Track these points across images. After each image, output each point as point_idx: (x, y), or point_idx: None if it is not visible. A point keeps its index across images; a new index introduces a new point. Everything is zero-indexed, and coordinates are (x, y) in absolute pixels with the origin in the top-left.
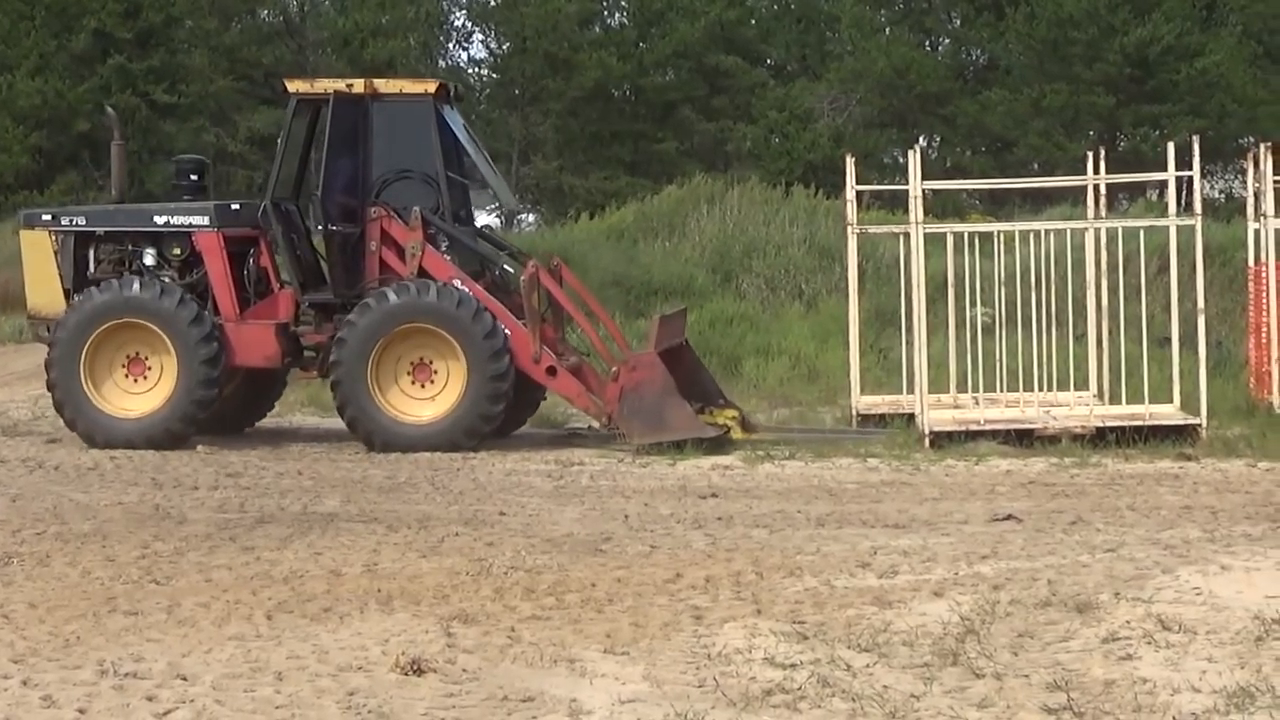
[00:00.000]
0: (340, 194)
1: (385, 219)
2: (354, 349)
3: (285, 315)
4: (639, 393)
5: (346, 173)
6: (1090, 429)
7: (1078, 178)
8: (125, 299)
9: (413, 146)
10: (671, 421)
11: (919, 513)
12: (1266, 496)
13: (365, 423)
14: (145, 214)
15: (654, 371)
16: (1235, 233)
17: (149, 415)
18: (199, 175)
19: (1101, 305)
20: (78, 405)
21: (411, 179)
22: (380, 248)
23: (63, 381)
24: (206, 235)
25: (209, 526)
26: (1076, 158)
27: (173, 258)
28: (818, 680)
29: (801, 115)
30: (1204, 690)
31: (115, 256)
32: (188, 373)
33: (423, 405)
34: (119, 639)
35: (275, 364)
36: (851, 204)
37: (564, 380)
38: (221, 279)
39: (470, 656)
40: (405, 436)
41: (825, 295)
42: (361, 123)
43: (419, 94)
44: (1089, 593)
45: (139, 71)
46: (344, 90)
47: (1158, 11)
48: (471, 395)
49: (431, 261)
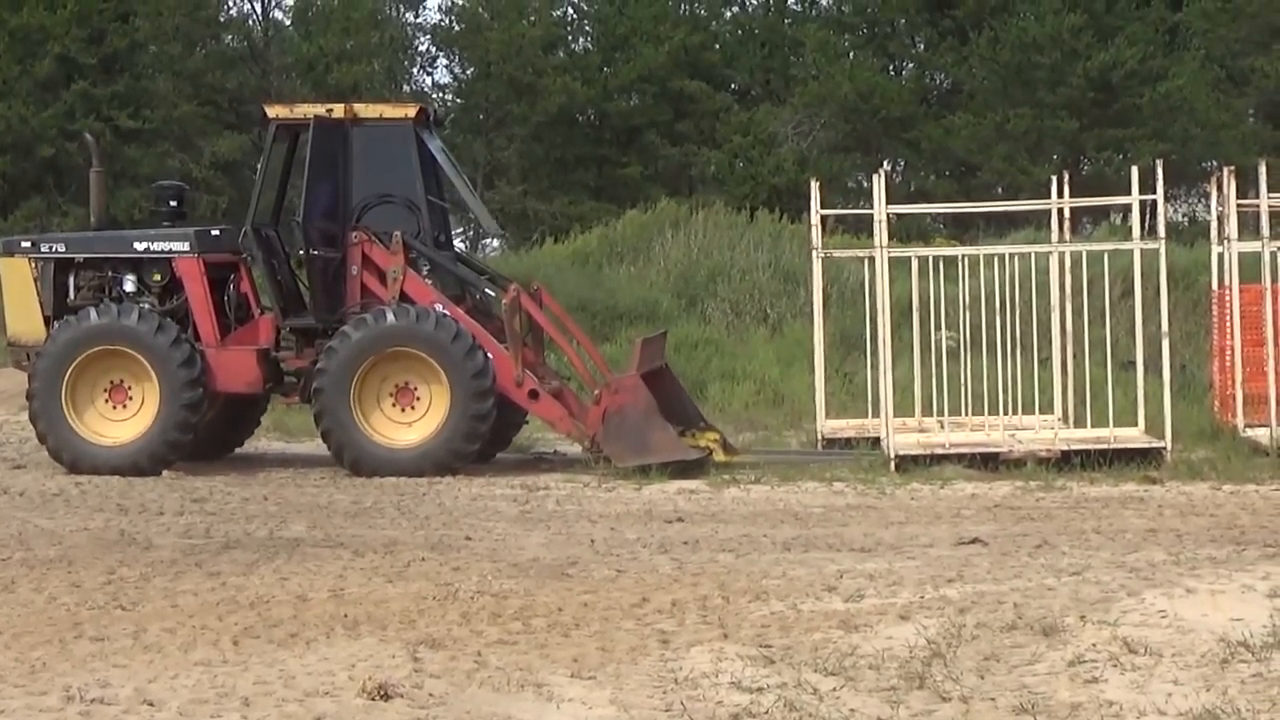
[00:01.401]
0: (321, 219)
1: (366, 243)
2: (336, 374)
3: (266, 340)
4: (622, 416)
5: (327, 197)
6: (1055, 452)
7: (1042, 201)
8: (106, 326)
9: (393, 171)
10: (655, 444)
11: (885, 536)
12: (1231, 519)
13: (350, 449)
14: (125, 240)
15: (637, 394)
16: (1199, 256)
17: (131, 442)
18: (178, 201)
19: (1066, 329)
20: (60, 433)
21: (392, 203)
22: (361, 272)
23: (45, 409)
24: (187, 261)
25: (175, 552)
26: (1041, 181)
27: (153, 284)
28: (784, 704)
29: (766, 140)
30: (1170, 713)
31: (95, 283)
32: (170, 399)
33: (406, 429)
34: (85, 665)
35: (257, 389)
36: (816, 228)
37: (546, 404)
38: (202, 305)
39: (437, 681)
40: (390, 461)
41: (790, 319)
42: (342, 147)
43: (399, 118)
44: (1055, 616)
45: (103, 97)
46: (324, 115)
47: (1121, 36)
48: (455, 419)
49: (413, 286)
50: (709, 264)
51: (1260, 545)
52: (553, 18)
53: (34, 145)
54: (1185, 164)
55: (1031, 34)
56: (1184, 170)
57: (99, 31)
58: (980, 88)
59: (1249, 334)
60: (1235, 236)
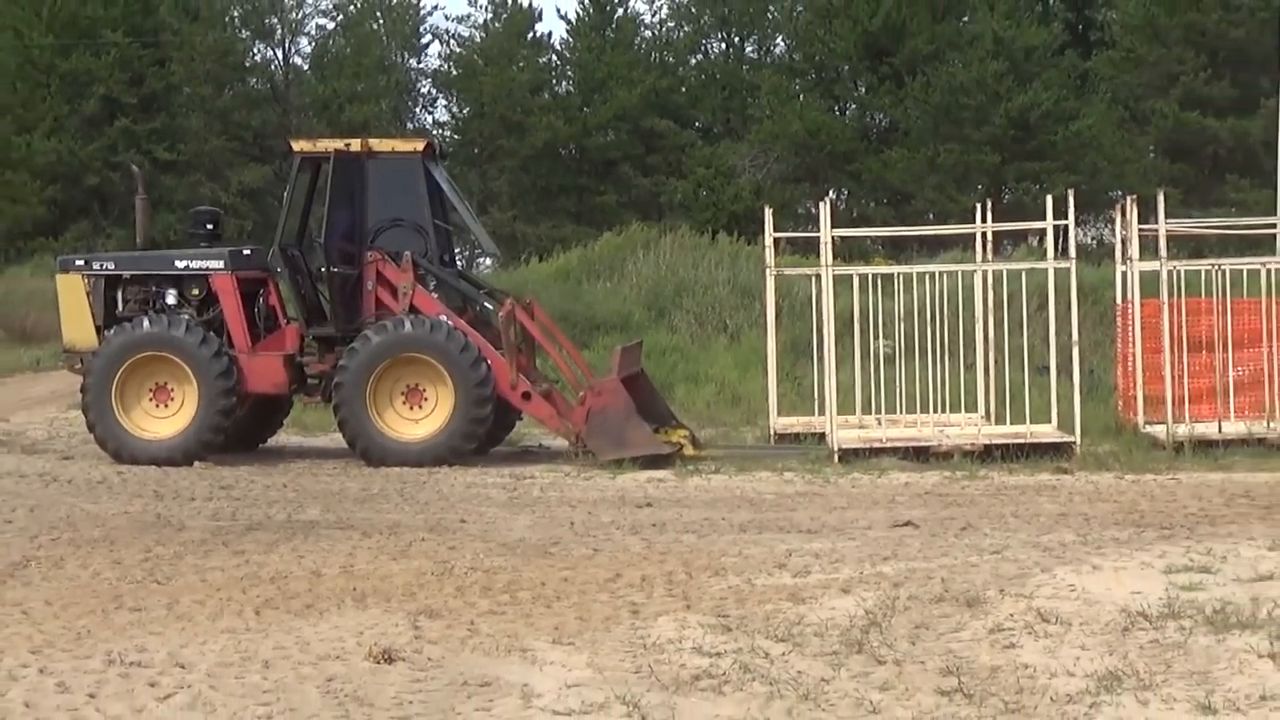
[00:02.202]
0: (340, 240)
1: (380, 262)
2: (354, 376)
3: (291, 347)
4: (604, 415)
5: (346, 221)
6: (978, 446)
7: (968, 226)
8: (153, 335)
9: (404, 198)
10: (633, 440)
11: (829, 520)
12: (1132, 505)
13: (364, 441)
14: (168, 259)
15: (617, 396)
16: (1105, 274)
17: (173, 437)
18: (214, 224)
19: (989, 338)
20: (109, 428)
21: (403, 226)
22: (376, 287)
23: (96, 407)
24: (222, 277)
25: (204, 533)
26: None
27: (192, 297)
28: (740, 667)
29: (726, 171)
30: (1078, 674)
31: (141, 296)
32: (207, 400)
33: (415, 425)
34: (124, 632)
35: (283, 390)
36: (770, 249)
37: (538, 404)
38: (235, 315)
39: (435, 647)
40: (400, 453)
41: (747, 329)
42: (358, 177)
43: (409, 151)
44: (977, 589)
45: (142, 133)
46: (343, 149)
47: (1038, 81)
48: (458, 416)
49: (421, 299)
50: (676, 280)
51: (1157, 528)
52: (539, 64)
53: (81, 175)
54: (1094, 194)
55: (959, 79)
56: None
57: (139, 75)
58: (914, 126)
59: (1148, 343)
60: (1137, 257)
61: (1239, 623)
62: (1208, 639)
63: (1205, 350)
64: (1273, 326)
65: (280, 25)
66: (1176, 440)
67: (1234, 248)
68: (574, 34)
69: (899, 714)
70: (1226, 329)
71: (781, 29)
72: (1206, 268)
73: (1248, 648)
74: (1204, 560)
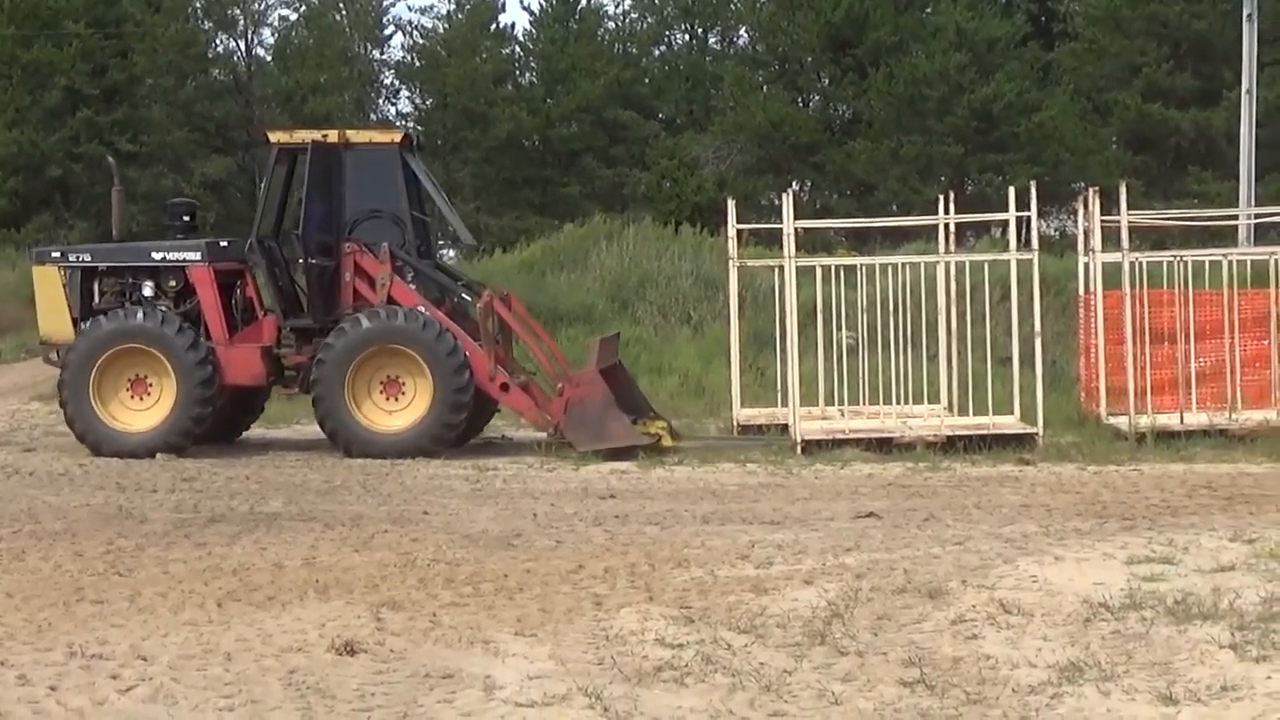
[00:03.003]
0: (318, 231)
1: (358, 253)
2: (332, 368)
3: (269, 339)
4: (583, 406)
5: (323, 213)
6: (941, 437)
7: (931, 218)
8: (130, 327)
9: (381, 189)
10: (612, 432)
11: (792, 511)
12: (1094, 496)
13: (343, 433)
14: (144, 250)
15: (595, 388)
16: (1068, 266)
17: (151, 429)
18: (190, 216)
19: (951, 329)
20: (87, 420)
21: (380, 218)
22: (354, 279)
23: (74, 399)
24: (199, 269)
25: (167, 525)
26: (930, 200)
27: (169, 289)
28: (702, 658)
29: (689, 163)
30: (1040, 665)
31: (117, 288)
32: (186, 392)
33: (393, 417)
34: (86, 625)
35: (261, 382)
36: (733, 241)
37: (516, 396)
38: (212, 307)
39: (397, 639)
40: (378, 444)
41: (710, 321)
42: (336, 168)
43: (386, 142)
44: (940, 580)
45: (105, 124)
46: (321, 140)
47: (1000, 72)
48: (437, 408)
49: (399, 291)
50: (639, 272)
51: (1119, 519)
52: (502, 55)
53: (43, 166)
54: (1056, 185)
55: (922, 70)
56: (1055, 191)
57: (101, 66)
58: (877, 117)
59: (1111, 334)
60: (1099, 249)
61: (1200, 613)
62: (1169, 630)
63: (1167, 342)
64: (1234, 318)
65: (243, 16)
66: (1139, 431)
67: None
68: (537, 25)
69: (861, 705)
70: (1189, 320)
71: (745, 20)
72: (1169, 259)
73: (1209, 638)
74: (1166, 551)
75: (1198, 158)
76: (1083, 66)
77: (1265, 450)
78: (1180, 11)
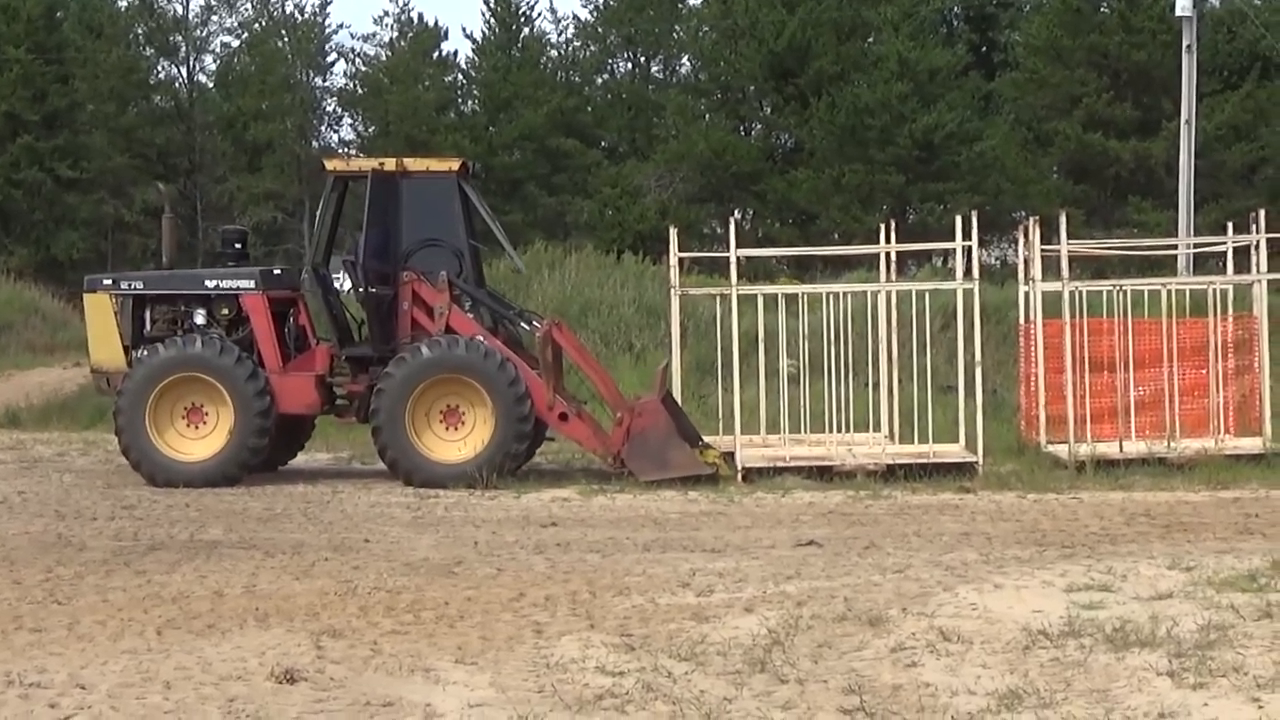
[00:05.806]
0: (376, 260)
1: (416, 282)
2: (393, 397)
3: (322, 367)
4: (645, 435)
5: (381, 241)
6: (882, 465)
7: (872, 246)
8: (189, 355)
9: (439, 218)
10: (675, 461)
11: (733, 539)
12: (1034, 524)
13: (404, 462)
14: (197, 278)
15: (658, 417)
16: (1008, 295)
17: (207, 459)
18: (242, 244)
19: (892, 357)
20: (143, 450)
21: (438, 246)
22: (412, 308)
23: (130, 428)
24: (253, 297)
25: (106, 553)
26: (871, 229)
27: (221, 317)
28: (643, 686)
29: (631, 191)
30: (979, 693)
31: (169, 316)
32: (244, 422)
33: (454, 446)
34: (24, 653)
35: (314, 411)
36: (675, 269)
37: (575, 425)
38: (266, 335)
39: (338, 667)
40: (439, 474)
41: (652, 349)
42: (394, 197)
43: (444, 171)
44: (880, 608)
45: (45, 149)
46: (380, 169)
47: (942, 102)
48: (499, 436)
49: (457, 320)
50: (581, 300)
51: (1059, 546)
52: (444, 82)
53: None
54: (997, 214)
55: (864, 100)
56: (996, 220)
57: (41, 92)
58: (819, 146)
59: (1051, 363)
60: (1039, 278)
61: (1138, 641)
62: (1108, 657)
63: (1107, 370)
64: (1173, 347)
65: (185, 43)
66: (1078, 459)
67: (1135, 268)
68: (480, 53)
69: None
70: (1128, 349)
71: (687, 49)
72: (1108, 288)
73: (1146, 666)
74: (1104, 579)
75: (1137, 187)
76: (1023, 96)
77: (1203, 478)
78: (1120, 42)
